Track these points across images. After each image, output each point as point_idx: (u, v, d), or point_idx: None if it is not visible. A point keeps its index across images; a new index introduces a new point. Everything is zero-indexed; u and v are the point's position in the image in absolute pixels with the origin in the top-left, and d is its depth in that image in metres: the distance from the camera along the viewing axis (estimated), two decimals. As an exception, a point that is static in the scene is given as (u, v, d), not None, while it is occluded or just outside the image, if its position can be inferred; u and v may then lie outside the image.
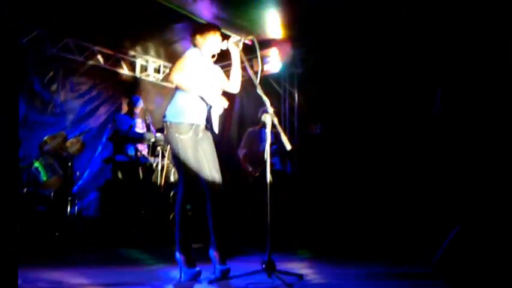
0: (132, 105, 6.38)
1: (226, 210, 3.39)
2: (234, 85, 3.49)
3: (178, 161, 3.23)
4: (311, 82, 6.96)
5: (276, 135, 3.60)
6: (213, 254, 3.28)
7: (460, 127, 5.16)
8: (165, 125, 3.25)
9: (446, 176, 5.18)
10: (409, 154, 5.62)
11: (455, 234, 3.68)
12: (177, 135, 3.19)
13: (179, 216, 3.25)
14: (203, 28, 3.46)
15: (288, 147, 3.20)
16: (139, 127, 6.34)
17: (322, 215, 6.17)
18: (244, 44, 3.37)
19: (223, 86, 3.51)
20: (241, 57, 3.38)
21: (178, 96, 3.30)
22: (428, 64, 5.63)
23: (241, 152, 5.77)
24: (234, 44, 3.36)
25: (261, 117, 5.90)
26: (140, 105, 6.46)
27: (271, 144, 5.29)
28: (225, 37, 3.45)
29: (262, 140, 5.71)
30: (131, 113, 6.34)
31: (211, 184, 3.31)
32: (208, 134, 3.39)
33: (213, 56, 3.47)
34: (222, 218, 3.34)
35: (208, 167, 3.30)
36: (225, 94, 3.50)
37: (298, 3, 5.81)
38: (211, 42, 3.39)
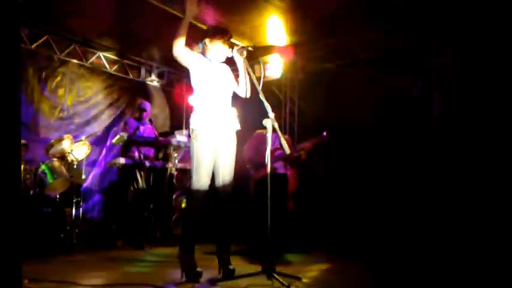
0: (141, 110, 6.50)
1: (234, 213, 3.47)
2: (243, 90, 3.57)
3: (191, 165, 3.34)
4: (312, 89, 7.07)
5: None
6: (220, 254, 3.37)
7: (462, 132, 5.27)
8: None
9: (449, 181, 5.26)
10: (411, 157, 5.70)
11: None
12: (194, 141, 3.33)
13: (187, 217, 3.36)
14: (214, 33, 3.50)
15: (287, 151, 3.30)
16: (147, 131, 6.47)
17: (323, 218, 6.24)
18: (247, 50, 3.45)
19: (234, 88, 3.59)
20: (245, 64, 3.45)
21: (195, 104, 3.43)
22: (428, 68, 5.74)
23: (247, 153, 5.73)
24: (238, 52, 3.42)
25: None
26: (149, 111, 6.59)
27: (276, 150, 5.39)
28: (232, 45, 3.51)
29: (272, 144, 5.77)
30: (140, 118, 6.46)
31: (221, 188, 3.41)
32: (232, 139, 3.50)
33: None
34: (229, 221, 3.43)
35: (222, 172, 3.41)
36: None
37: (300, 10, 5.91)
38: (217, 49, 3.46)
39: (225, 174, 3.43)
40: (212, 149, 3.35)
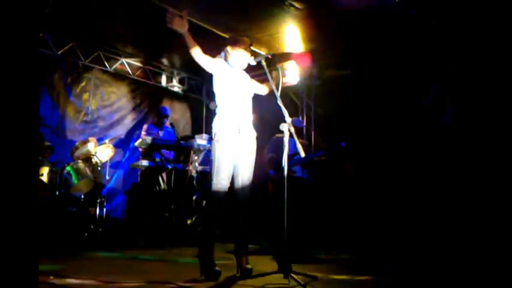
0: (161, 115, 6.71)
1: (252, 214, 3.56)
2: (264, 90, 3.80)
3: (212, 168, 3.45)
4: (328, 95, 7.21)
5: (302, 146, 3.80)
6: (237, 254, 3.45)
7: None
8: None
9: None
10: (427, 160, 5.76)
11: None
12: (216, 144, 3.42)
13: (206, 217, 3.44)
14: (235, 40, 3.62)
15: (302, 154, 3.43)
16: (166, 136, 6.66)
17: (340, 220, 6.32)
18: (266, 58, 3.55)
19: (253, 89, 3.73)
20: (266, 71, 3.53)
21: (218, 109, 3.55)
22: (441, 72, 5.81)
23: (267, 156, 5.86)
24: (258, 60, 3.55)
25: None
26: (168, 115, 6.80)
27: (295, 154, 5.53)
28: (253, 53, 3.63)
29: (289, 148, 5.92)
30: (160, 123, 6.68)
31: (240, 189, 3.50)
32: (253, 143, 3.60)
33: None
34: (248, 221, 3.52)
35: (241, 174, 3.49)
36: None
37: (316, 18, 6.03)
38: (239, 56, 3.57)
39: (245, 178, 3.52)
40: (233, 152, 3.45)
